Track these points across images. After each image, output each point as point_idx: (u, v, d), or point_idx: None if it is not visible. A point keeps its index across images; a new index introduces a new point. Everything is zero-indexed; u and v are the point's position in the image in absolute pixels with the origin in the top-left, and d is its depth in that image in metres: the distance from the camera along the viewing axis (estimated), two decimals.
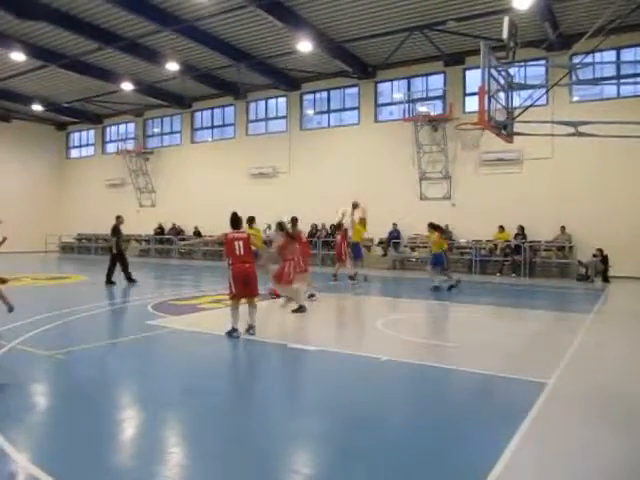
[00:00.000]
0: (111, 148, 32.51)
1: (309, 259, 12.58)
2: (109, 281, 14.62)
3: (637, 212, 17.96)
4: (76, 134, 35.06)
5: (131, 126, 31.89)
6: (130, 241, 28.86)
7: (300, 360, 7.30)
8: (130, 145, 30.93)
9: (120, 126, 32.62)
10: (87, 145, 34.53)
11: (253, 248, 8.86)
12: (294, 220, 11.81)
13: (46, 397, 5.68)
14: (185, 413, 5.08)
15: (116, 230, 14.90)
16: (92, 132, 33.89)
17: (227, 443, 4.34)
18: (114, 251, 14.74)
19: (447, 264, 14.63)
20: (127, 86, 24.57)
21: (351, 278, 16.03)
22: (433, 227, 14.67)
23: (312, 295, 12.11)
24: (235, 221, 8.46)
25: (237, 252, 8.13)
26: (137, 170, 30.19)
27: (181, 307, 11.21)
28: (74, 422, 4.72)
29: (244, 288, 8.17)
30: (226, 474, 3.83)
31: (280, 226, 10.61)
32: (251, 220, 12.79)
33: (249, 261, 8.22)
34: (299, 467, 4.04)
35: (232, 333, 8.10)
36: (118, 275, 14.74)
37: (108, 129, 33.35)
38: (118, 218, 15.14)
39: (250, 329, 8.24)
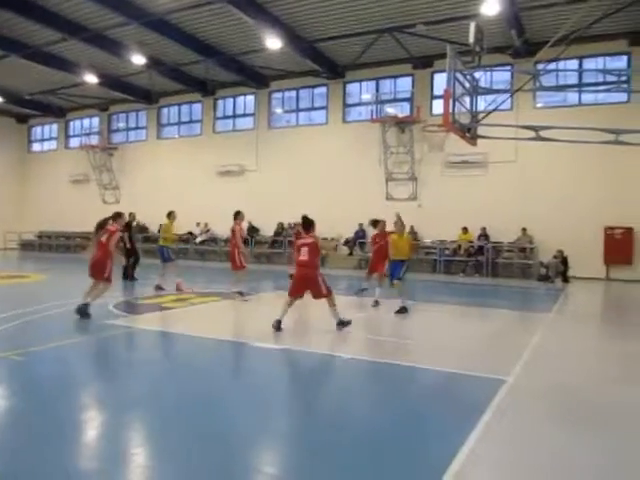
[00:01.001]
0: (75, 143, 31.76)
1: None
2: (126, 277, 14.84)
3: (596, 215, 18.52)
4: (38, 128, 34.13)
5: (95, 120, 31.20)
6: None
7: (263, 359, 7.27)
8: (94, 140, 30.28)
9: (84, 120, 31.86)
10: (50, 139, 33.64)
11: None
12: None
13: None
14: (146, 414, 5.01)
15: (129, 226, 14.98)
16: (55, 126, 33.05)
17: (190, 443, 4.29)
18: (127, 246, 14.89)
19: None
20: (92, 79, 24.02)
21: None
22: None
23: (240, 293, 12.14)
24: (306, 224, 8.74)
25: (301, 257, 8.50)
26: (101, 166, 29.58)
27: (143, 306, 11.06)
28: (29, 425, 4.57)
29: (301, 290, 8.64)
30: (190, 475, 3.79)
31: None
32: (169, 214, 13.90)
33: (311, 266, 8.49)
34: (263, 466, 4.04)
35: (277, 325, 8.39)
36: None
37: (72, 123, 32.59)
38: (130, 215, 15.35)
39: (341, 324, 8.57)
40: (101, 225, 9.76)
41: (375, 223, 11.83)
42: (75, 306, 9.22)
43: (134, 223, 15.54)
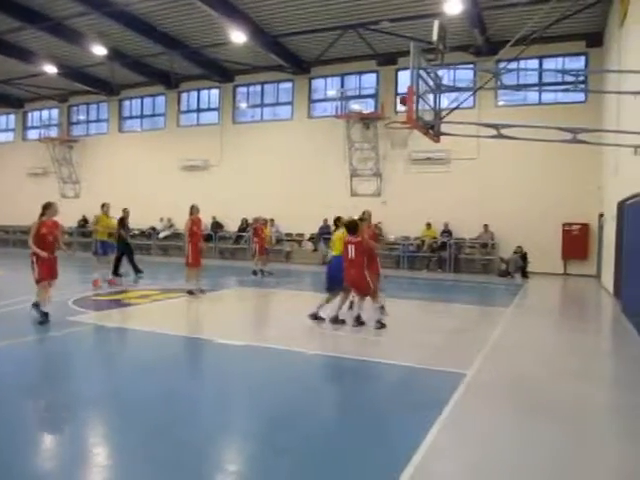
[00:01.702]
0: (33, 135, 30.86)
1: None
2: (117, 273, 14.14)
3: (554, 211, 19.02)
4: None
5: (55, 112, 30.37)
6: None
7: (227, 355, 7.24)
8: (53, 132, 29.48)
9: (43, 112, 30.97)
10: (6, 130, 32.58)
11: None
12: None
13: None
14: (107, 413, 4.93)
15: (122, 222, 14.76)
16: (12, 117, 32.02)
17: (151, 442, 4.25)
18: (125, 241, 14.62)
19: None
20: (51, 69, 23.38)
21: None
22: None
23: (202, 291, 12.06)
24: (351, 228, 8.70)
25: (349, 256, 8.58)
26: (61, 159, 28.84)
27: (105, 302, 10.86)
28: None
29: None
30: (150, 474, 3.75)
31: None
32: (102, 206, 14.03)
33: (356, 266, 8.57)
34: (225, 465, 4.03)
35: (335, 319, 8.73)
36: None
37: (30, 114, 31.64)
38: (124, 211, 15.10)
39: (379, 323, 8.65)
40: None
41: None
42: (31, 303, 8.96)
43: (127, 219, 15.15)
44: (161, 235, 25.47)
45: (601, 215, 17.38)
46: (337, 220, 10.00)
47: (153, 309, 10.42)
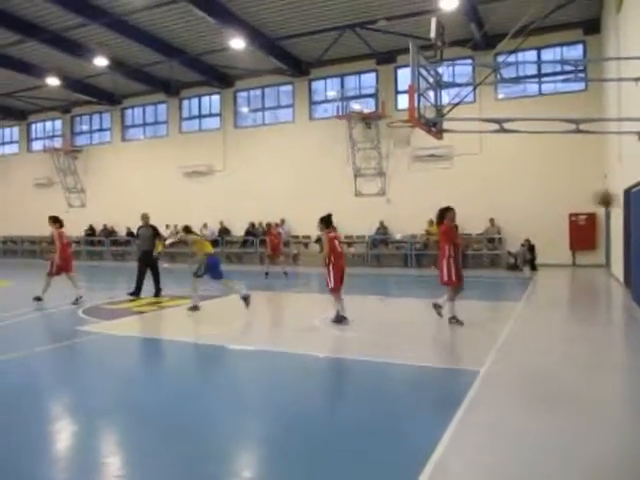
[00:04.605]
0: (37, 146, 31.11)
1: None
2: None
3: (560, 202, 18.96)
4: None
5: (58, 123, 30.62)
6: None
7: (240, 361, 7.26)
8: (57, 143, 29.68)
9: (46, 123, 31.25)
10: (10, 142, 32.87)
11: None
12: None
13: None
14: (120, 419, 4.96)
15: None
16: (16, 129, 32.28)
17: (164, 449, 4.27)
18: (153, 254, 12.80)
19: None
20: (53, 81, 23.54)
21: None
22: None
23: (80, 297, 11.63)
24: (329, 221, 9.13)
25: (338, 249, 9.01)
26: (65, 169, 29.03)
27: (114, 311, 10.89)
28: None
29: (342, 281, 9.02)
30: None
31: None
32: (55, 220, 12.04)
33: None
34: (243, 469, 4.05)
35: (342, 320, 8.78)
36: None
37: (33, 126, 31.88)
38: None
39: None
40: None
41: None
42: (44, 311, 9.02)
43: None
44: (168, 242, 25.49)
45: None
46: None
47: (162, 316, 10.47)
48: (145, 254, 12.88)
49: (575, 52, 19.65)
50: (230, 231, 24.65)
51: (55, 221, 12.00)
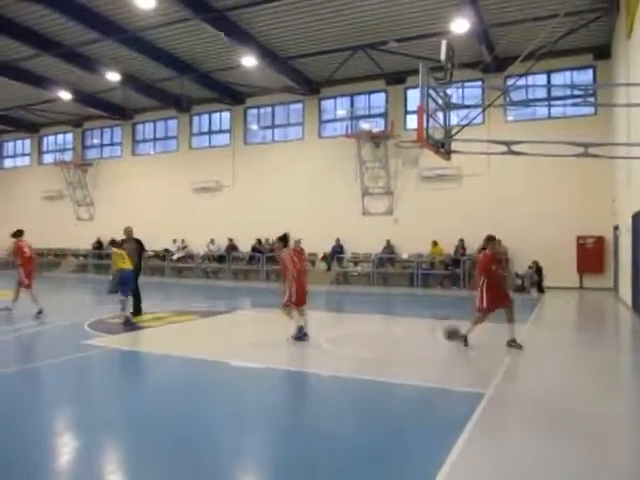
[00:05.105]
0: (48, 159, 31.41)
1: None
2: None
3: (568, 225, 18.88)
4: (10, 143, 33.68)
5: (69, 136, 30.92)
6: (67, 256, 28.04)
7: (245, 378, 7.23)
8: (68, 156, 29.97)
9: (58, 136, 31.56)
10: (22, 155, 33.22)
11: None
12: None
13: None
14: (123, 436, 4.94)
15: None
16: (28, 141, 32.65)
17: (168, 465, 4.24)
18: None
19: None
20: (65, 95, 23.86)
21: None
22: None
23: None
24: (287, 240, 9.38)
25: (298, 267, 9.15)
26: (75, 182, 29.26)
27: (119, 326, 10.88)
28: (1, 449, 4.49)
29: (304, 298, 9.19)
30: None
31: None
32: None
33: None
34: None
35: (303, 337, 8.95)
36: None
37: (45, 139, 32.23)
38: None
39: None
40: None
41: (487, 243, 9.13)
42: (55, 324, 9.03)
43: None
44: (175, 257, 25.63)
45: (616, 227, 17.23)
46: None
47: (167, 332, 10.45)
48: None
49: (585, 77, 19.74)
50: (237, 247, 24.66)
51: (15, 235, 11.98)
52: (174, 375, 7.29)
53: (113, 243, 11.62)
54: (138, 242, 11.95)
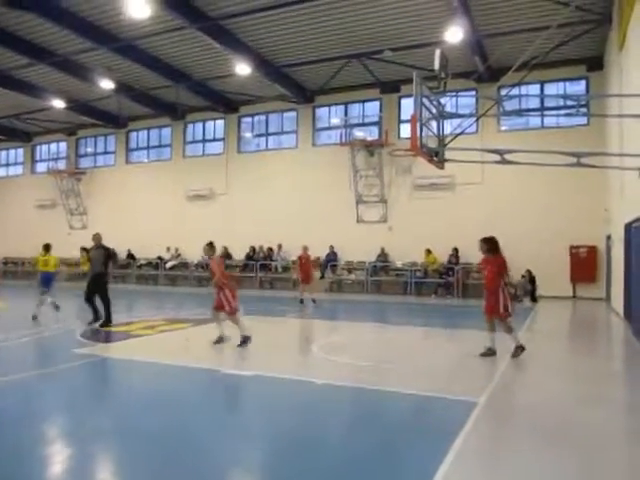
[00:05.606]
0: (41, 167, 31.29)
1: None
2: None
3: (560, 234, 18.96)
4: (3, 152, 33.51)
5: (63, 145, 30.83)
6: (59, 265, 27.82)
7: (236, 386, 7.18)
8: (61, 165, 29.86)
9: (51, 145, 31.46)
10: (15, 164, 33.07)
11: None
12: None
13: None
14: (118, 444, 4.88)
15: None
16: (21, 150, 32.51)
17: (163, 474, 4.19)
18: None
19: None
20: (59, 104, 23.82)
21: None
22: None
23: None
24: (214, 246, 9.80)
25: (226, 273, 9.52)
26: (68, 191, 29.13)
27: (112, 334, 10.81)
28: None
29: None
30: None
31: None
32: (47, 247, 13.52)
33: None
34: None
35: (247, 340, 9.16)
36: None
37: (38, 148, 32.12)
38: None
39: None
40: None
41: (487, 243, 9.50)
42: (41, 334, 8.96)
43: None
44: (168, 265, 25.54)
45: (609, 237, 17.30)
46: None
47: (160, 340, 10.38)
48: (95, 277, 11.87)
49: (578, 87, 19.90)
50: (232, 255, 24.59)
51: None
52: (165, 384, 7.22)
53: (84, 250, 12.67)
54: (106, 249, 12.35)
